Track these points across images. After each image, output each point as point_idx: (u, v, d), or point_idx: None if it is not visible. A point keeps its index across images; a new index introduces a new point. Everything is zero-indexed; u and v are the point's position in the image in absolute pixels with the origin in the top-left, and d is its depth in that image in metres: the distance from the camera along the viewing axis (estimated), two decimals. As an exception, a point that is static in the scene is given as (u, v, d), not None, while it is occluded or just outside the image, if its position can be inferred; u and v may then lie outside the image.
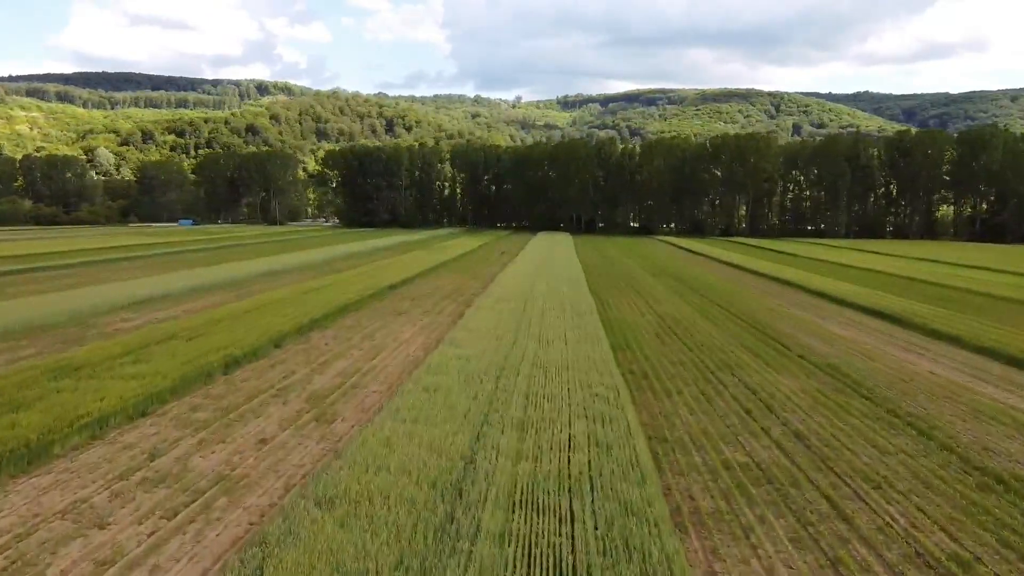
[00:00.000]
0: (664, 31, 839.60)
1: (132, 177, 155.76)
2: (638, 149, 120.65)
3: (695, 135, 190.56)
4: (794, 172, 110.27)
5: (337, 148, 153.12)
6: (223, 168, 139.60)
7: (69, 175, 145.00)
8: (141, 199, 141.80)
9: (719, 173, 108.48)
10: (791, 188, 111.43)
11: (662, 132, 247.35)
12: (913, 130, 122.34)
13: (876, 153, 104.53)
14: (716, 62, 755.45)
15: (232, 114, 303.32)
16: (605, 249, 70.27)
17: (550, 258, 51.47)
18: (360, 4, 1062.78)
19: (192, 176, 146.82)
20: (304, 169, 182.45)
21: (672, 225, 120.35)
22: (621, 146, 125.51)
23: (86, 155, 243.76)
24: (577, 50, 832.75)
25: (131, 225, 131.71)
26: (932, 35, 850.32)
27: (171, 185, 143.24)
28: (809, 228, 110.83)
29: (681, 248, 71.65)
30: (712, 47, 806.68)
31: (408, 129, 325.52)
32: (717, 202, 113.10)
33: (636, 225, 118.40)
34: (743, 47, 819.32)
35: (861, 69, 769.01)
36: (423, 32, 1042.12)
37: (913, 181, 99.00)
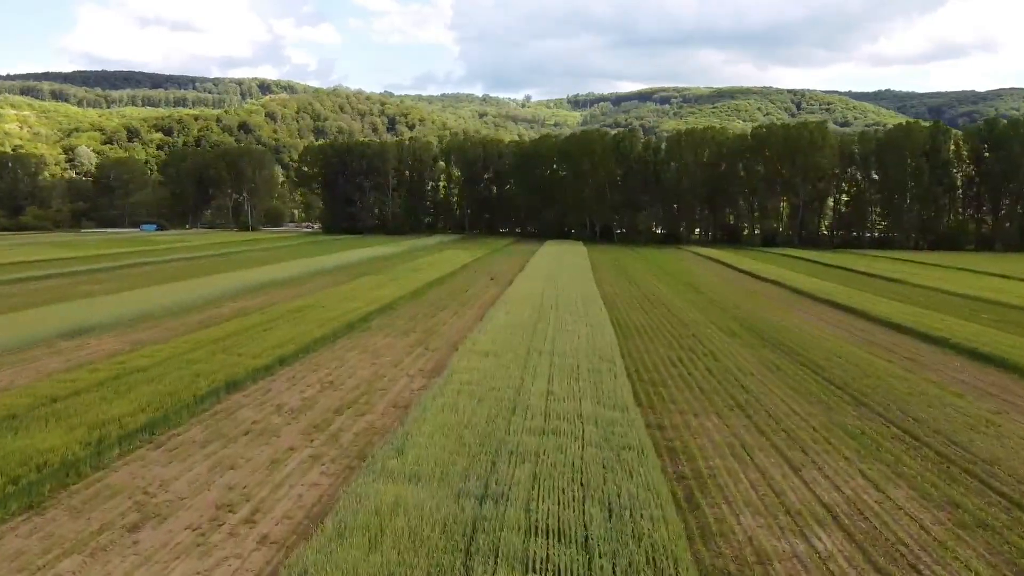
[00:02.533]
0: (673, 32, 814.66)
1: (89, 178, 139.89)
2: (664, 142, 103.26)
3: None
4: (850, 169, 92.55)
5: (317, 144, 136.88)
6: (190, 167, 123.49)
7: (22, 175, 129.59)
8: (100, 201, 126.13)
9: (761, 170, 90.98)
10: (848, 188, 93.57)
11: (677, 130, 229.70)
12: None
13: (955, 147, 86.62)
14: (725, 63, 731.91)
15: (225, 111, 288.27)
16: (634, 270, 53.21)
17: (557, 294, 34.53)
18: (367, 5, 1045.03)
19: (157, 176, 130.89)
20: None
21: (697, 232, 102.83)
22: (643, 139, 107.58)
23: (66, 154, 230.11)
24: (586, 51, 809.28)
25: (82, 231, 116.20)
26: (943, 35, 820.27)
27: (134, 186, 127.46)
28: (867, 236, 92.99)
29: (736, 269, 54.38)
30: (721, 48, 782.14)
31: (411, 127, 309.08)
32: (756, 205, 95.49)
33: (660, 231, 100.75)
34: (752, 48, 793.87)
35: (872, 70, 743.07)
36: (431, 34, 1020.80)
37: (1007, 180, 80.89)
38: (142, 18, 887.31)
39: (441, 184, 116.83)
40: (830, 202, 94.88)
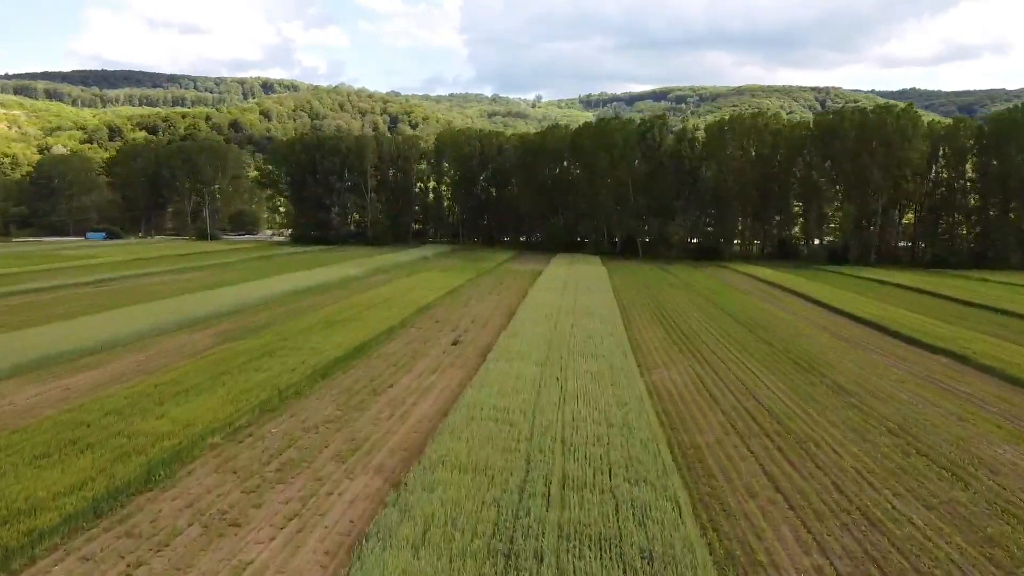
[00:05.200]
0: (682, 34, 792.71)
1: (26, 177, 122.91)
2: (702, 133, 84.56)
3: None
4: (935, 165, 73.66)
5: (284, 139, 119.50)
6: (142, 165, 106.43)
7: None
8: (39, 206, 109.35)
9: (828, 167, 72.36)
10: (934, 191, 74.41)
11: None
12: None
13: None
14: (735, 65, 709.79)
15: (217, 110, 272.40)
16: (686, 315, 34.91)
17: (565, 406, 16.56)
18: (376, 8, 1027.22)
19: (104, 176, 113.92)
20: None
21: (737, 243, 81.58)
22: (674, 130, 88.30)
23: (42, 153, 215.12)
24: (595, 53, 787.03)
25: (14, 240, 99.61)
26: (954, 37, 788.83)
27: (80, 187, 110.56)
28: (962, 251, 73.55)
29: (849, 316, 35.90)
30: (731, 50, 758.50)
31: (414, 127, 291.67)
32: (817, 212, 76.57)
33: (695, 242, 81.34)
34: (762, 50, 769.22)
35: (882, 72, 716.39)
36: (440, 36, 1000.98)
37: None
38: (151, 21, 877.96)
39: (431, 185, 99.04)
40: (911, 208, 75.88)
